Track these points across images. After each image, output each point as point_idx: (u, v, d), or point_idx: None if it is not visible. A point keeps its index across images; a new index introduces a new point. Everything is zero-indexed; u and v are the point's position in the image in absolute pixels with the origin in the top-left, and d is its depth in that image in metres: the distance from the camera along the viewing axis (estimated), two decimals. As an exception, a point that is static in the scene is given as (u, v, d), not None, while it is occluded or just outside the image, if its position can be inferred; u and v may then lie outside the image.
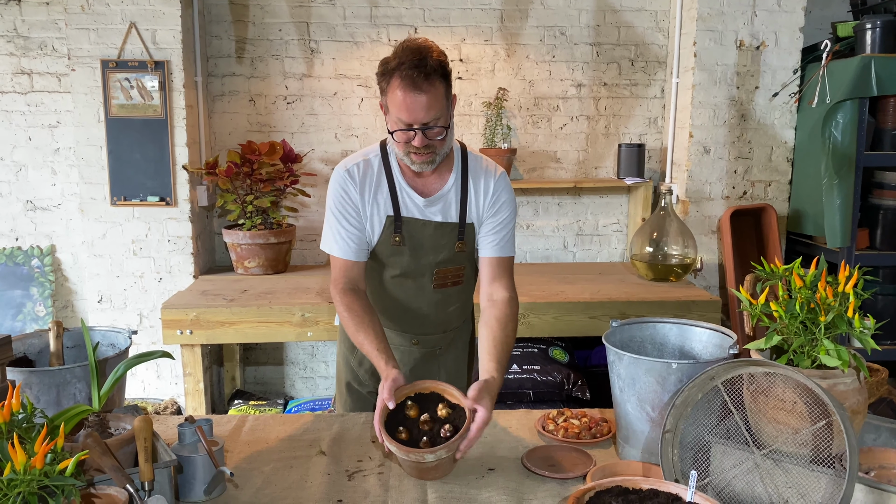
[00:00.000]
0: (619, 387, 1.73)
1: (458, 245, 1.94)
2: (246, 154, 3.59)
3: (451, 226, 1.93)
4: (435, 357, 2.08)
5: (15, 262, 3.84)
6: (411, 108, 1.71)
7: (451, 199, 1.92)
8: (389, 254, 1.94)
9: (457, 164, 1.93)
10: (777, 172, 3.74)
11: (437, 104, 1.73)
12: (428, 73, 1.70)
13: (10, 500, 1.14)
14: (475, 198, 1.94)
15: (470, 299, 2.15)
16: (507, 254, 1.97)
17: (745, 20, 3.59)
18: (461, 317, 2.11)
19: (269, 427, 1.98)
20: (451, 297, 2.04)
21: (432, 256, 1.94)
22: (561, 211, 4.08)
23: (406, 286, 1.98)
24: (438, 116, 1.75)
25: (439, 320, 2.05)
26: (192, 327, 3.16)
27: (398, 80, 1.70)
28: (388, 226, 1.90)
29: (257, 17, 3.81)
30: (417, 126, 1.74)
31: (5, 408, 1.27)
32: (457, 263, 1.98)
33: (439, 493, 1.60)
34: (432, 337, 2.08)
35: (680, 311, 3.20)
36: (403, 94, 1.70)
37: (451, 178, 1.92)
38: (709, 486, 1.49)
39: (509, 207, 1.96)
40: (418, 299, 2.00)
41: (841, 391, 1.41)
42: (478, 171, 1.95)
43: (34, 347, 1.94)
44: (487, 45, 3.89)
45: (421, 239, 1.92)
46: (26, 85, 3.76)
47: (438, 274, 1.96)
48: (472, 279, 2.09)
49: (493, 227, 1.95)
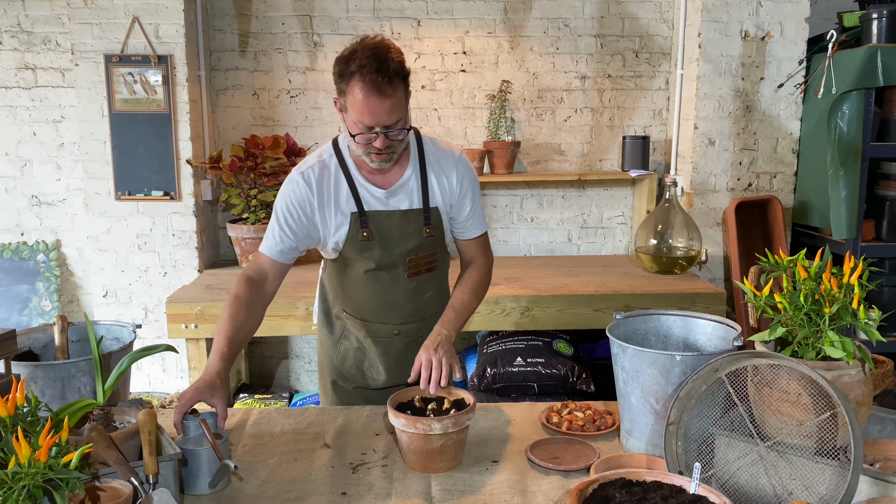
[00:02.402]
0: (623, 379, 1.73)
1: (426, 230, 1.96)
2: (250, 148, 3.60)
3: (415, 212, 1.94)
4: (419, 345, 2.08)
5: (21, 257, 3.85)
6: (374, 112, 1.71)
7: (412, 186, 1.94)
8: (360, 249, 1.94)
9: (413, 152, 1.95)
10: (782, 164, 3.72)
11: (399, 106, 1.75)
12: (391, 77, 1.70)
13: (16, 494, 1.14)
14: (437, 182, 1.96)
15: (445, 284, 2.17)
16: (484, 229, 2.09)
17: (751, 10, 3.57)
18: (438, 302, 2.11)
19: (273, 420, 1.98)
20: (426, 284, 2.05)
21: (402, 246, 1.95)
22: (565, 204, 4.07)
23: (381, 278, 1.99)
24: (399, 118, 1.76)
25: (417, 308, 2.06)
26: (196, 321, 3.17)
27: (360, 84, 1.70)
28: (354, 222, 1.91)
29: (260, 11, 3.80)
30: (379, 129, 1.74)
31: (10, 401, 1.27)
32: (428, 250, 2.00)
33: (443, 485, 1.60)
34: (412, 325, 2.08)
35: (684, 304, 3.19)
36: (366, 98, 1.70)
37: (408, 167, 1.93)
38: (713, 478, 1.49)
39: (473, 186, 2.01)
40: (395, 290, 2.01)
41: (846, 383, 1.41)
42: (436, 156, 1.97)
43: (39, 342, 1.95)
44: (491, 38, 3.87)
45: (388, 230, 1.93)
46: (30, 80, 3.77)
47: (411, 262, 1.98)
48: (444, 264, 2.11)
49: (468, 213, 2.02)
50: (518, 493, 1.56)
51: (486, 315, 3.25)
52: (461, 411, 1.67)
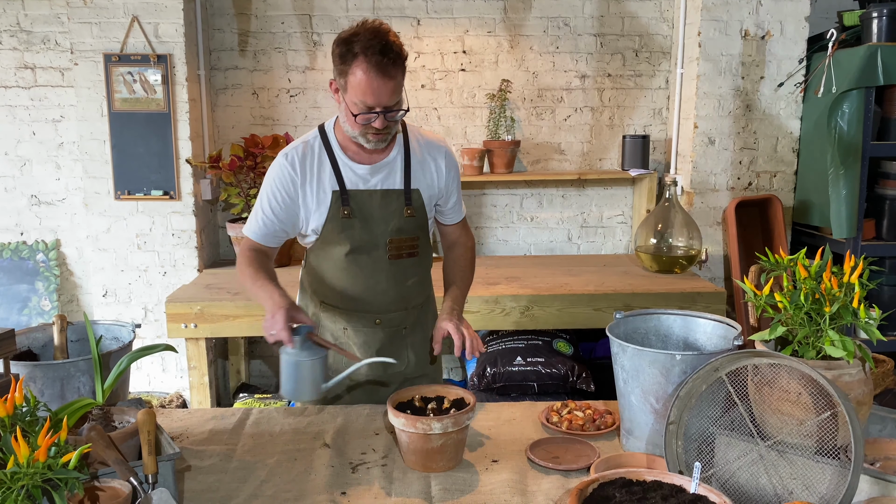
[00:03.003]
0: (623, 378, 1.72)
1: (407, 210, 1.98)
2: (249, 147, 3.59)
3: (396, 192, 1.97)
4: (402, 338, 2.07)
5: (20, 256, 3.85)
6: (378, 92, 1.76)
7: (396, 167, 1.98)
8: (340, 229, 1.95)
9: (398, 137, 2.00)
10: (782, 163, 3.72)
11: (400, 88, 1.80)
12: (394, 59, 1.75)
13: (14, 493, 1.14)
14: (422, 167, 2.00)
15: (428, 276, 2.16)
16: (464, 213, 2.19)
17: (751, 9, 3.57)
18: (421, 293, 2.11)
19: (273, 420, 1.98)
20: (407, 270, 2.04)
21: (383, 225, 1.97)
22: (565, 203, 4.07)
23: (361, 262, 1.99)
24: (399, 99, 1.82)
25: (399, 296, 2.04)
26: (196, 321, 3.17)
27: (364, 64, 1.74)
28: (335, 200, 1.93)
29: (260, 10, 3.80)
30: (380, 109, 1.79)
31: (9, 401, 1.27)
32: (409, 234, 2.01)
33: (443, 484, 1.60)
34: (394, 315, 2.05)
35: (685, 303, 3.19)
36: (369, 78, 1.74)
37: (394, 149, 1.98)
38: (713, 477, 1.48)
39: (458, 176, 2.11)
40: (375, 274, 2.00)
41: (846, 382, 1.40)
42: (421, 142, 2.03)
43: (38, 341, 1.95)
44: (491, 37, 3.87)
45: (370, 209, 1.95)
46: (30, 79, 3.76)
47: (392, 243, 1.99)
48: (427, 253, 2.10)
49: (455, 201, 2.11)
50: (518, 493, 1.56)
51: (485, 314, 3.24)
52: (461, 411, 1.67)
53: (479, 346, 1.89)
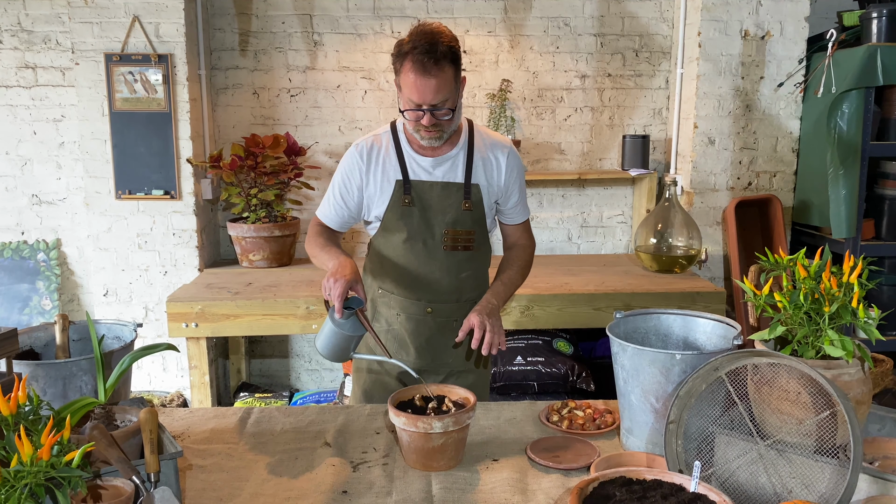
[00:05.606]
0: (623, 378, 1.73)
1: (465, 204, 2.05)
2: (250, 147, 3.60)
3: (456, 185, 2.05)
4: (452, 330, 2.09)
5: (21, 256, 3.85)
6: (421, 90, 1.86)
7: (458, 161, 2.06)
8: (400, 216, 2.04)
9: (464, 136, 2.08)
10: (782, 163, 3.73)
11: (446, 87, 1.88)
12: (438, 59, 1.84)
13: (17, 492, 1.14)
14: (483, 164, 2.07)
15: (484, 273, 2.20)
16: (528, 215, 2.24)
17: (750, 10, 3.57)
18: (475, 288, 2.14)
19: (274, 419, 1.98)
20: (462, 263, 2.10)
21: (441, 216, 2.05)
22: (565, 203, 4.07)
23: (417, 249, 2.07)
24: (446, 98, 1.89)
25: (452, 287, 2.10)
26: (197, 320, 3.17)
27: (410, 63, 1.85)
28: (398, 189, 2.04)
29: (260, 10, 3.80)
30: (426, 106, 1.88)
31: (12, 400, 1.27)
32: (466, 226, 2.07)
33: (444, 483, 1.61)
34: (446, 306, 2.11)
35: (684, 303, 3.19)
36: (415, 76, 1.85)
37: (458, 146, 2.06)
38: (713, 476, 1.49)
39: (521, 176, 2.16)
40: (430, 262, 2.07)
41: (845, 381, 1.41)
42: (486, 141, 2.10)
43: (40, 340, 1.95)
44: (491, 37, 3.88)
45: (429, 199, 2.04)
46: (30, 79, 3.77)
47: (448, 234, 2.06)
48: (484, 249, 2.17)
49: (516, 200, 2.16)
50: (518, 492, 1.57)
51: (486, 314, 3.24)
52: (461, 410, 1.68)
53: (500, 343, 1.92)
